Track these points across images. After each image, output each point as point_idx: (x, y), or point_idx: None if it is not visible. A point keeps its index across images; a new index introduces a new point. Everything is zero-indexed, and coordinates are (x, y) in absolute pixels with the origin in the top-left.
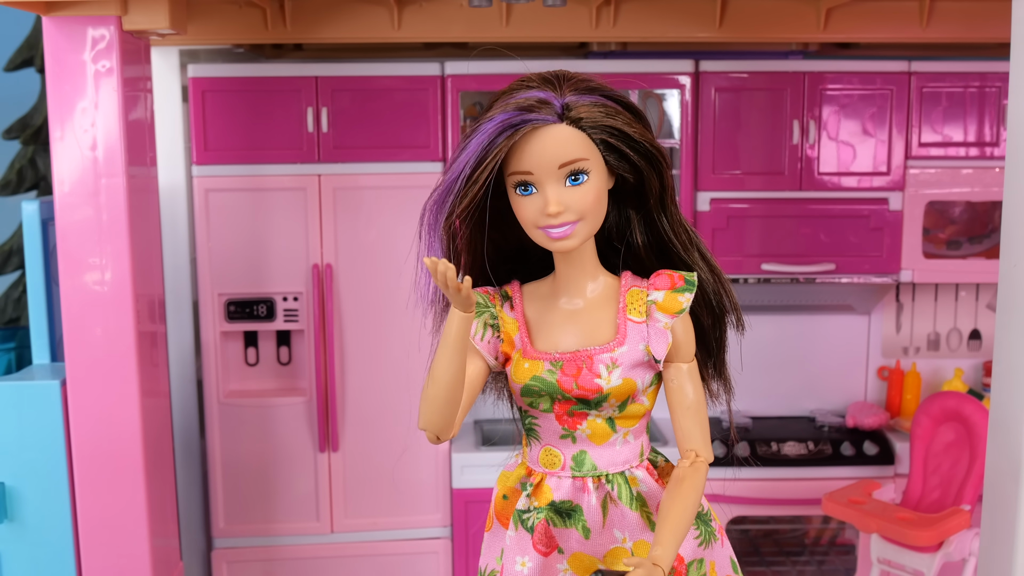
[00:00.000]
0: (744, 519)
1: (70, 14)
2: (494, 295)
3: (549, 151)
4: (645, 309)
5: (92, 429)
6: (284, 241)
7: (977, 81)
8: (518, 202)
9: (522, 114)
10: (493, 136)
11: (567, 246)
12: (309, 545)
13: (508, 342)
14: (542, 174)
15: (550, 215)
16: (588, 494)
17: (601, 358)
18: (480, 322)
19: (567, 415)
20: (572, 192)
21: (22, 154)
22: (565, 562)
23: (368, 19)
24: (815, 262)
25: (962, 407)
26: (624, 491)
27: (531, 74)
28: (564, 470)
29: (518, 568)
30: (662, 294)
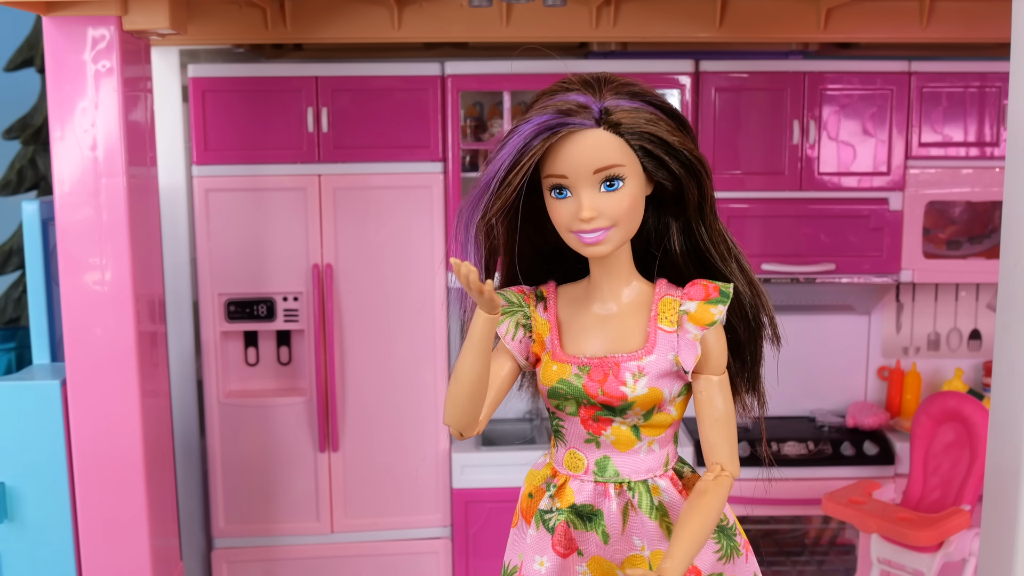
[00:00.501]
0: (744, 519)
1: (70, 14)
2: (529, 295)
3: (585, 156)
4: (677, 319)
5: (92, 429)
6: (284, 241)
7: (977, 81)
8: (553, 205)
9: (559, 117)
10: (530, 139)
11: (599, 252)
12: (309, 545)
13: (539, 343)
14: (577, 178)
15: (583, 220)
16: (609, 500)
17: (628, 366)
18: (513, 321)
19: (592, 420)
20: (607, 198)
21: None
22: (584, 565)
23: (368, 19)
24: (815, 262)
25: (962, 407)
26: (645, 499)
27: (572, 75)
28: (587, 474)
29: (536, 567)
30: (695, 304)
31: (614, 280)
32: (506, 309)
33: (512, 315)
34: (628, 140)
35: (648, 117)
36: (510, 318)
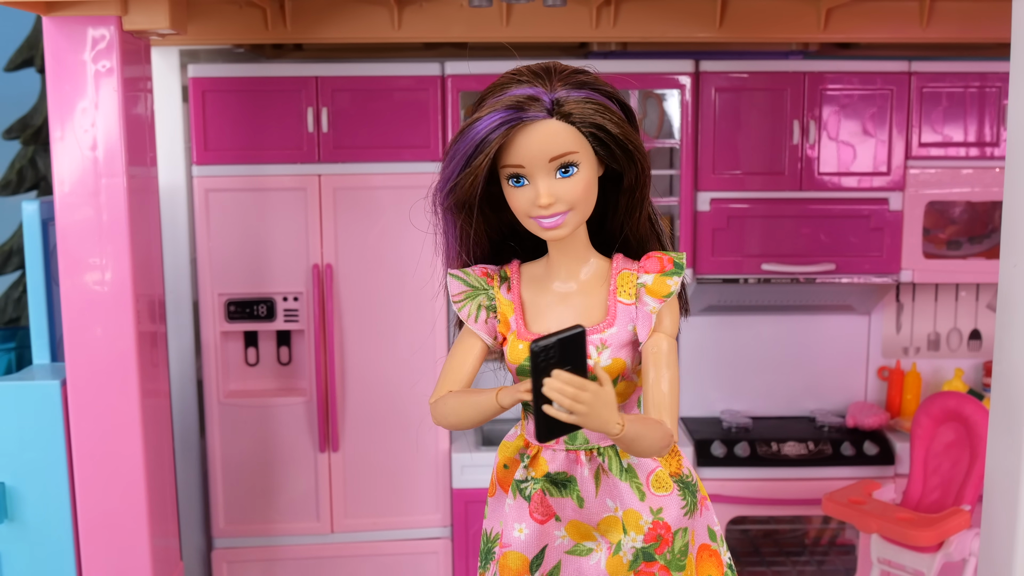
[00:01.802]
0: (744, 519)
1: (70, 14)
2: (492, 276)
3: (540, 146)
4: (635, 292)
5: (92, 429)
6: (284, 241)
7: (977, 81)
8: (511, 193)
9: (513, 112)
10: (487, 133)
11: (558, 235)
12: (309, 545)
13: (504, 323)
14: (533, 167)
15: (542, 207)
16: (581, 466)
17: (591, 339)
18: (475, 304)
19: None
20: (562, 184)
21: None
22: (563, 529)
23: (368, 19)
24: (815, 262)
25: (962, 407)
26: (615, 463)
27: (522, 67)
28: (558, 444)
29: (515, 534)
30: (651, 277)
31: (572, 259)
32: (468, 293)
33: (474, 298)
34: (579, 128)
35: (596, 107)
36: (471, 301)
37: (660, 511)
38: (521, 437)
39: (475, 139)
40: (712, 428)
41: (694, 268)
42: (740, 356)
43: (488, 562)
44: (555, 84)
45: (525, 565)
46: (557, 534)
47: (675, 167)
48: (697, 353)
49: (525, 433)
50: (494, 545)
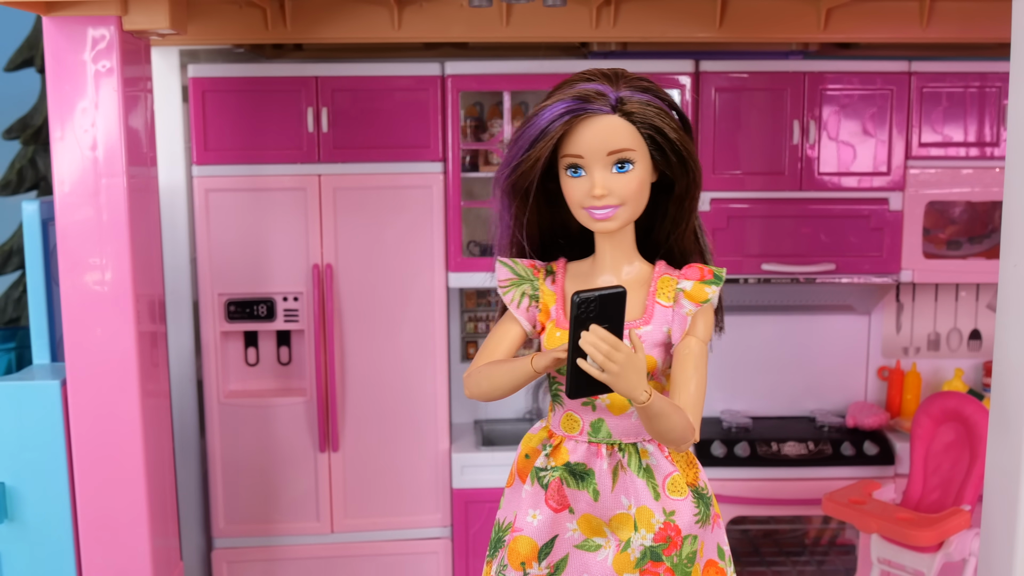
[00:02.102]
0: (744, 519)
1: (70, 14)
2: (539, 269)
3: (600, 138)
4: (673, 295)
5: (92, 429)
6: (284, 241)
7: (977, 81)
8: (568, 183)
9: (579, 102)
10: (553, 119)
11: (608, 227)
12: (309, 545)
13: (545, 312)
14: (592, 159)
15: (596, 197)
16: (601, 459)
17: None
18: (519, 291)
19: None
20: (617, 178)
21: (22, 154)
22: (575, 522)
23: (368, 19)
24: (815, 262)
25: (962, 407)
26: (634, 460)
27: (592, 69)
28: (581, 435)
29: (529, 519)
30: (691, 284)
31: (618, 256)
32: (514, 281)
33: (519, 286)
34: (639, 128)
35: (656, 111)
36: (516, 288)
37: (673, 513)
38: (546, 429)
39: (540, 124)
40: (712, 428)
41: None
42: (740, 356)
43: (497, 550)
44: (621, 85)
45: (534, 551)
46: (569, 526)
47: None
48: None
49: (550, 425)
50: (505, 533)
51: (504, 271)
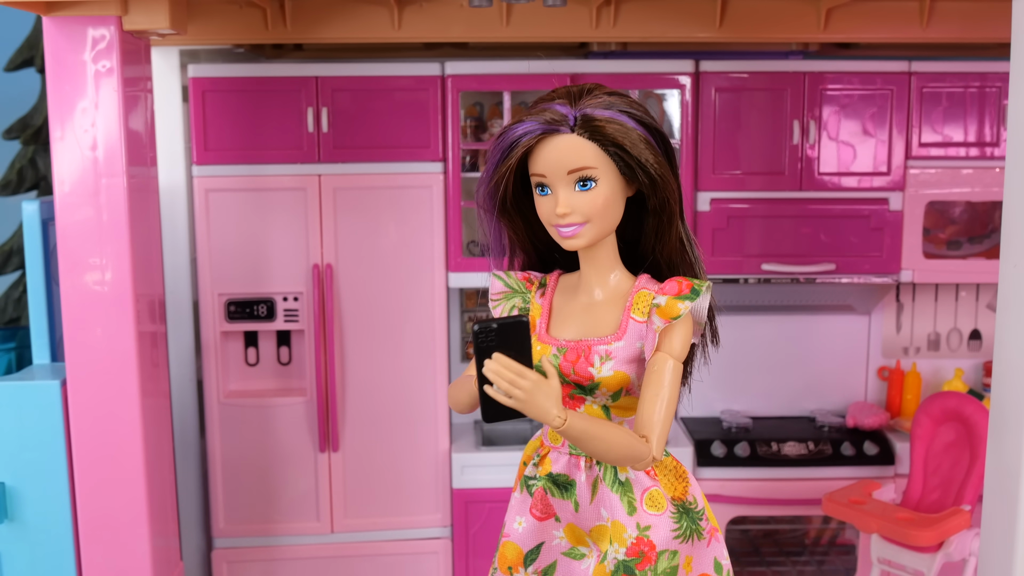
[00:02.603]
0: (744, 519)
1: (70, 14)
2: (533, 282)
3: (559, 157)
4: (648, 311)
5: (92, 429)
6: (284, 241)
7: (977, 81)
8: (538, 201)
9: (536, 123)
10: (515, 140)
11: (574, 244)
12: (309, 545)
13: (531, 325)
14: (554, 177)
15: (559, 215)
16: (580, 471)
17: (597, 349)
18: (510, 304)
19: (568, 398)
20: (580, 196)
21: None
22: (561, 530)
23: (368, 19)
24: (815, 262)
25: (962, 407)
26: (609, 474)
27: (560, 88)
28: (563, 447)
29: (515, 526)
30: (665, 299)
31: (598, 271)
32: (505, 294)
33: (510, 299)
34: (601, 146)
35: (618, 127)
36: (507, 301)
37: (647, 528)
38: (539, 438)
39: (506, 143)
40: (712, 428)
41: None
42: (740, 356)
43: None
44: (583, 103)
45: (520, 556)
46: (556, 534)
47: None
48: None
49: (542, 435)
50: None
51: (498, 284)
